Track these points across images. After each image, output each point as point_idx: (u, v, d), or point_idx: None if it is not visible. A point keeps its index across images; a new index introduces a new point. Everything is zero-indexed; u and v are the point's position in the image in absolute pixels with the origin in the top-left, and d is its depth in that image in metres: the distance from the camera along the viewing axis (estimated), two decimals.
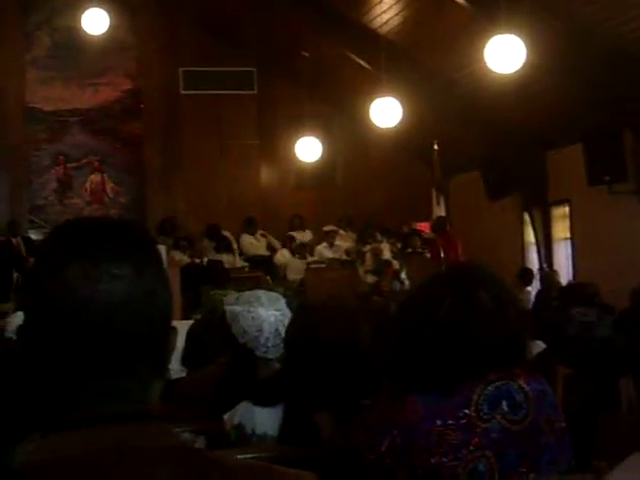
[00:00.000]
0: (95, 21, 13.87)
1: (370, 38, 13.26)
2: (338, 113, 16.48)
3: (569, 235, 13.83)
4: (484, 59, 10.29)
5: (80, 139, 16.03)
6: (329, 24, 13.74)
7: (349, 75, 14.90)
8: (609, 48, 10.98)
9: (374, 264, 14.11)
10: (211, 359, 3.97)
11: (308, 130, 14.80)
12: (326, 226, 15.11)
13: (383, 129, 13.25)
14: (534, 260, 14.44)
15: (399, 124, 12.85)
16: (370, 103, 12.76)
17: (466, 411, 2.20)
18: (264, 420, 2.82)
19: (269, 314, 3.45)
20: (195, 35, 16.11)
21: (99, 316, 1.21)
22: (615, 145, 11.91)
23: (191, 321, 5.36)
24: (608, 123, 11.83)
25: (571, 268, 13.69)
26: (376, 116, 12.79)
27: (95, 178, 16.17)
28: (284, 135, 15.87)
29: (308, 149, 14.95)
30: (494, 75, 10.64)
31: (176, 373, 4.47)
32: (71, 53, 15.73)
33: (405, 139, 15.17)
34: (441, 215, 14.77)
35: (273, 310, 3.47)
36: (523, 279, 13.05)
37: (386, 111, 12.66)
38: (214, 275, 11.96)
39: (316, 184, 16.33)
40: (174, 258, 12.66)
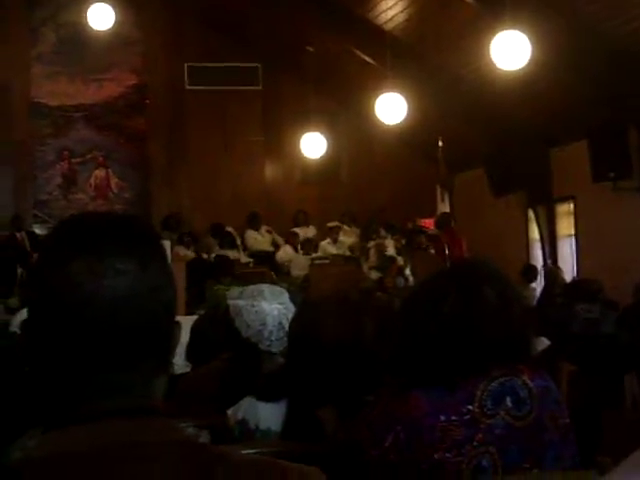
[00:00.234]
0: (100, 16, 13.92)
1: (376, 34, 13.25)
2: (343, 109, 16.46)
3: (573, 232, 13.81)
4: (489, 56, 10.29)
5: (85, 134, 16.04)
6: (334, 20, 13.71)
7: (354, 71, 14.89)
8: (613, 46, 10.98)
9: (378, 260, 14.10)
10: (215, 354, 3.97)
11: (313, 126, 14.77)
12: (330, 222, 15.11)
13: (388, 125, 13.25)
14: (538, 257, 14.42)
15: (404, 120, 12.86)
16: (375, 99, 12.76)
17: (470, 407, 2.20)
18: (268, 415, 2.82)
19: (272, 308, 3.46)
20: (200, 31, 16.09)
21: (103, 311, 1.21)
22: (620, 142, 11.89)
23: (195, 316, 5.36)
24: (613, 120, 11.82)
25: (575, 265, 13.67)
26: (381, 112, 12.79)
27: (100, 173, 16.17)
28: (289, 131, 15.83)
29: (313, 145, 14.93)
30: (499, 72, 10.64)
31: (180, 368, 4.46)
32: (76, 48, 15.73)
33: (410, 135, 15.16)
34: (445, 211, 14.74)
35: (276, 304, 3.48)
36: (527, 276, 13.03)
37: (391, 107, 12.66)
38: (221, 269, 11.98)
39: (321, 180, 16.31)
40: (178, 253, 12.66)
